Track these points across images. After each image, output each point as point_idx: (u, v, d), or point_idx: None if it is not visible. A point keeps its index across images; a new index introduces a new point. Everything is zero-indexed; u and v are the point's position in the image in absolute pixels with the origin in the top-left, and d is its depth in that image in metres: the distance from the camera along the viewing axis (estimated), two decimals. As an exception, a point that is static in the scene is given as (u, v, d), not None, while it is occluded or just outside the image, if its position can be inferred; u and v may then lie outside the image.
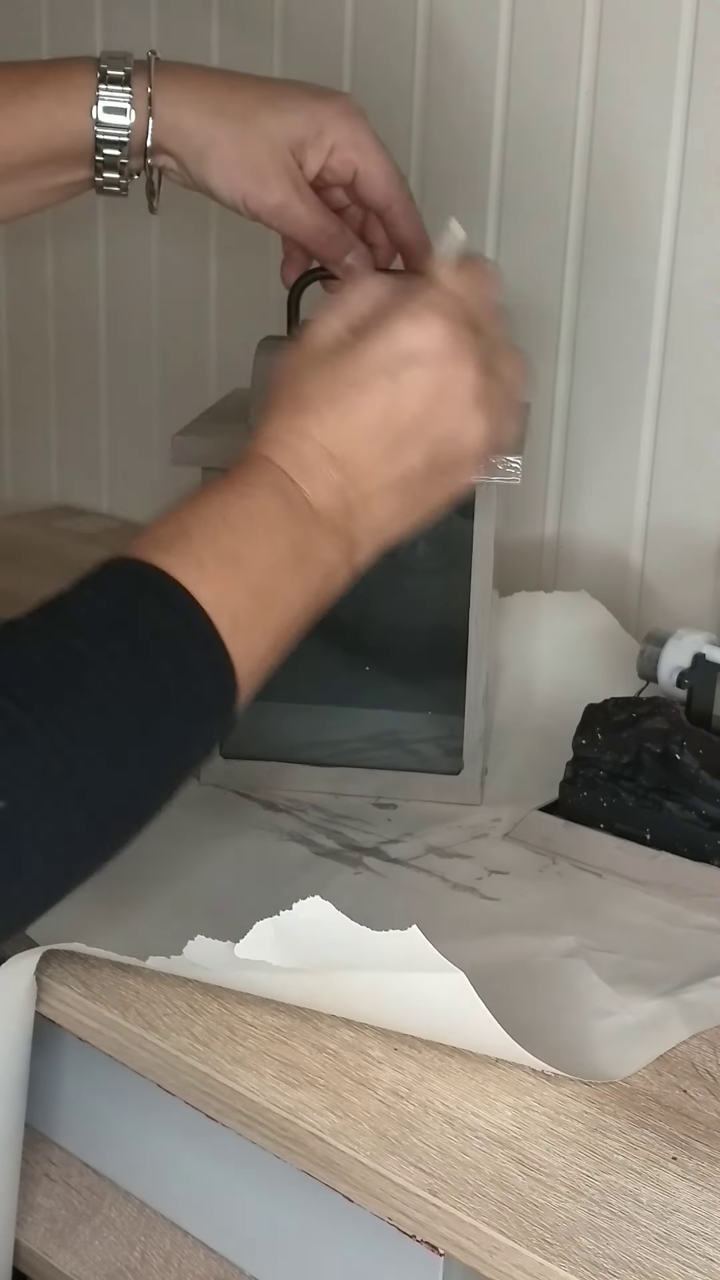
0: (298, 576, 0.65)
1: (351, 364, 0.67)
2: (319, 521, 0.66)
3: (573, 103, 1.07)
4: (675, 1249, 0.58)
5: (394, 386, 0.67)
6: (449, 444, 0.68)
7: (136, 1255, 0.80)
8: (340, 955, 0.64)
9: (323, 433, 0.66)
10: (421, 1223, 0.61)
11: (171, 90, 0.84)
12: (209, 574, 0.62)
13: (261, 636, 0.64)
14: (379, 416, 0.67)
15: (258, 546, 0.64)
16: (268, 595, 0.64)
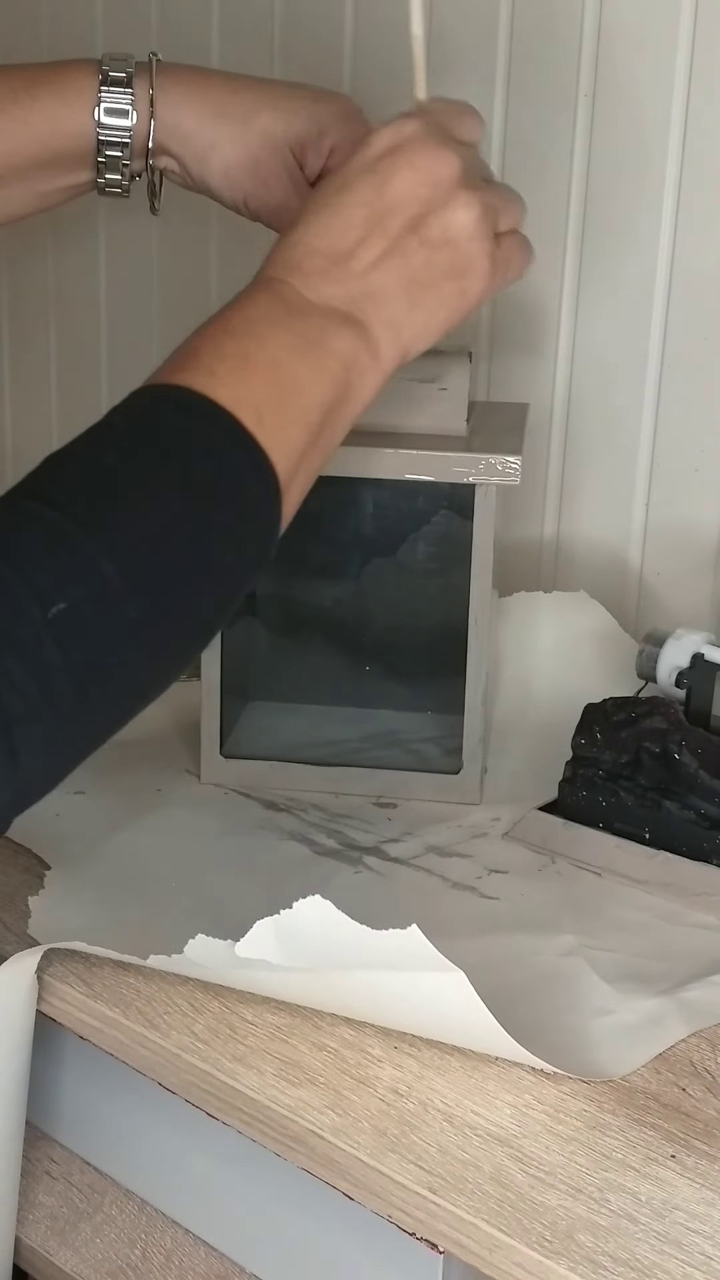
0: (312, 364, 0.66)
1: (337, 177, 0.69)
2: (321, 312, 0.67)
3: (572, 103, 1.08)
4: (674, 1246, 0.58)
5: (375, 178, 0.68)
6: (439, 227, 0.69)
7: (137, 1253, 0.80)
8: (340, 954, 0.64)
9: (311, 234, 0.68)
10: (421, 1220, 0.61)
11: (173, 92, 0.84)
12: (220, 377, 0.63)
13: (289, 425, 0.64)
14: (364, 207, 0.68)
15: (262, 342, 0.65)
16: (284, 385, 0.65)
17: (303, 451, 0.65)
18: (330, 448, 0.68)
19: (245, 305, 0.67)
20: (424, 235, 0.68)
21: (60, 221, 1.41)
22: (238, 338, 0.65)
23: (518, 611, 1.08)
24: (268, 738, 0.99)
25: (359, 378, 0.68)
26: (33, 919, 0.77)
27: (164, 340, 1.39)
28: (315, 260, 0.67)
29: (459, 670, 0.92)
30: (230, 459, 0.62)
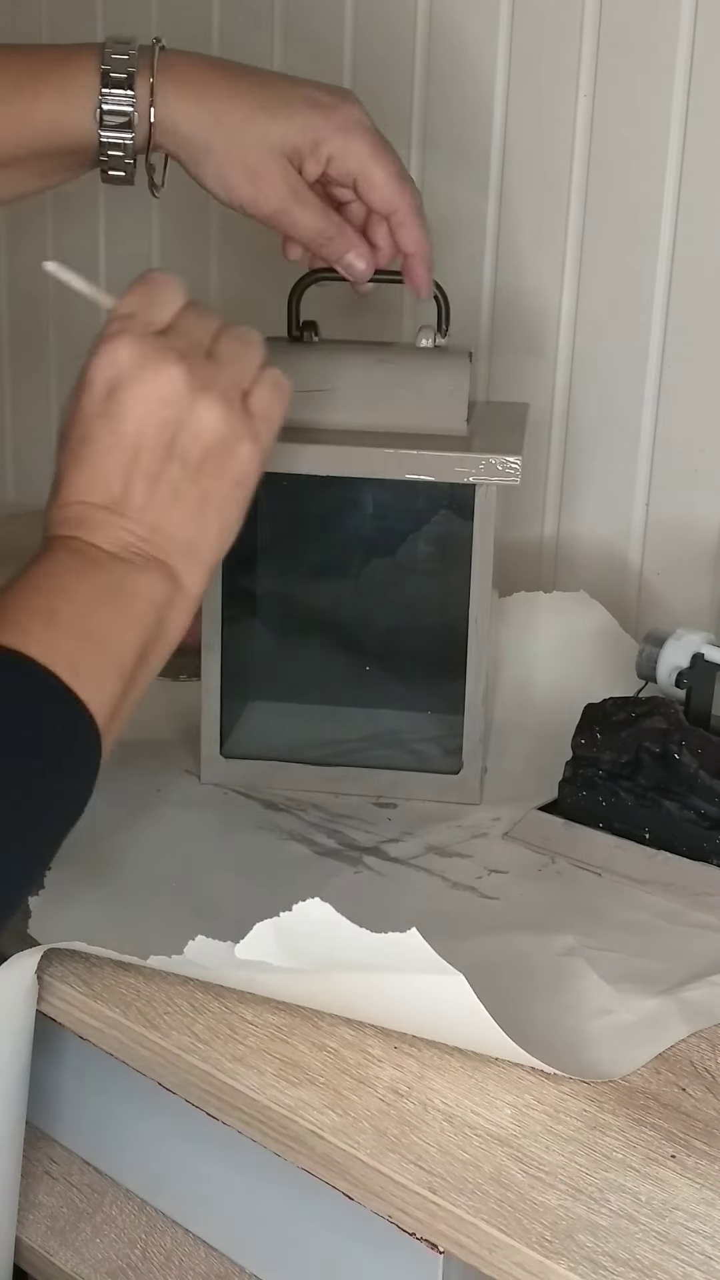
0: (121, 613, 0.67)
1: (74, 425, 0.69)
2: (120, 560, 0.67)
3: (572, 103, 1.08)
4: (674, 1246, 0.58)
5: (109, 423, 0.68)
6: (190, 439, 0.68)
7: (137, 1253, 0.80)
8: (340, 956, 0.64)
9: (79, 494, 0.68)
10: (421, 1220, 0.61)
11: (170, 95, 0.84)
12: (31, 633, 0.63)
13: (105, 675, 0.65)
14: (114, 455, 0.68)
15: (70, 597, 0.66)
16: (96, 637, 0.65)
17: (120, 697, 0.65)
18: (147, 682, 0.68)
19: (44, 562, 0.67)
20: (182, 457, 0.68)
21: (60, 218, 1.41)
22: (44, 593, 0.65)
23: (518, 611, 1.08)
24: (268, 738, 0.99)
25: (169, 614, 0.69)
26: (33, 919, 0.77)
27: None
28: (93, 514, 0.67)
29: (459, 670, 0.92)
30: (47, 715, 0.62)
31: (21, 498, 1.54)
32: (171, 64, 0.85)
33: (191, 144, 0.85)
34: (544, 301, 1.13)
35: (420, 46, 1.14)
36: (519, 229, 1.13)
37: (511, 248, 1.14)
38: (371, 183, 0.86)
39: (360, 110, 0.86)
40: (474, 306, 1.16)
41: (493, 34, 1.10)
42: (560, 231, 1.10)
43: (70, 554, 0.67)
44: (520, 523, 1.16)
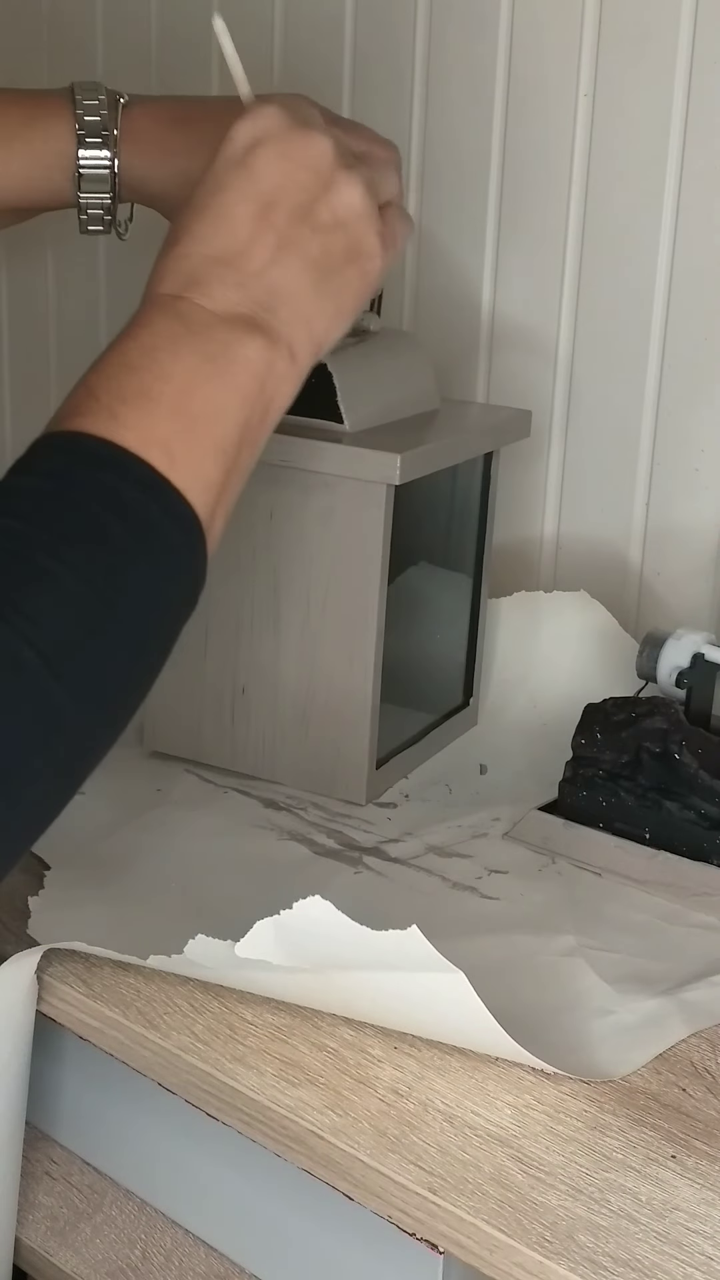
0: (222, 384, 0.63)
1: (209, 178, 0.66)
2: (225, 323, 0.64)
3: (572, 103, 1.08)
4: (674, 1247, 0.58)
5: (247, 173, 0.65)
6: (328, 211, 0.66)
7: (137, 1253, 0.80)
8: (340, 954, 0.64)
9: (199, 243, 0.65)
10: (421, 1221, 0.61)
11: (136, 158, 0.84)
12: (123, 419, 0.60)
13: (205, 458, 0.61)
14: (246, 205, 0.65)
15: (164, 372, 0.62)
16: (195, 414, 0.62)
17: (222, 482, 0.62)
18: (251, 464, 0.65)
19: (141, 333, 0.64)
20: (315, 222, 0.66)
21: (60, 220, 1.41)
22: (137, 372, 0.62)
23: (518, 611, 1.08)
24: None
25: (275, 385, 0.65)
26: (33, 919, 0.77)
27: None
28: (209, 269, 0.64)
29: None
30: (144, 509, 0.59)
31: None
32: (133, 125, 0.85)
33: (164, 199, 0.85)
34: (544, 302, 1.13)
35: (420, 46, 1.14)
36: (519, 229, 1.13)
37: (512, 249, 1.14)
38: None
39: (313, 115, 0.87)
40: (474, 307, 1.16)
41: (493, 34, 1.10)
42: (560, 232, 1.10)
43: (172, 319, 0.63)
44: (520, 523, 1.16)
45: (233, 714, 0.94)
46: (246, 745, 0.94)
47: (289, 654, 0.91)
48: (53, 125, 0.84)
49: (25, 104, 0.86)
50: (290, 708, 0.92)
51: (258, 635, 0.92)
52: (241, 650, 0.92)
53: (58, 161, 0.84)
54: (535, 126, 1.10)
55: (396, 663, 0.92)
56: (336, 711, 0.91)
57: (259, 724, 0.93)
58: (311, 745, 0.92)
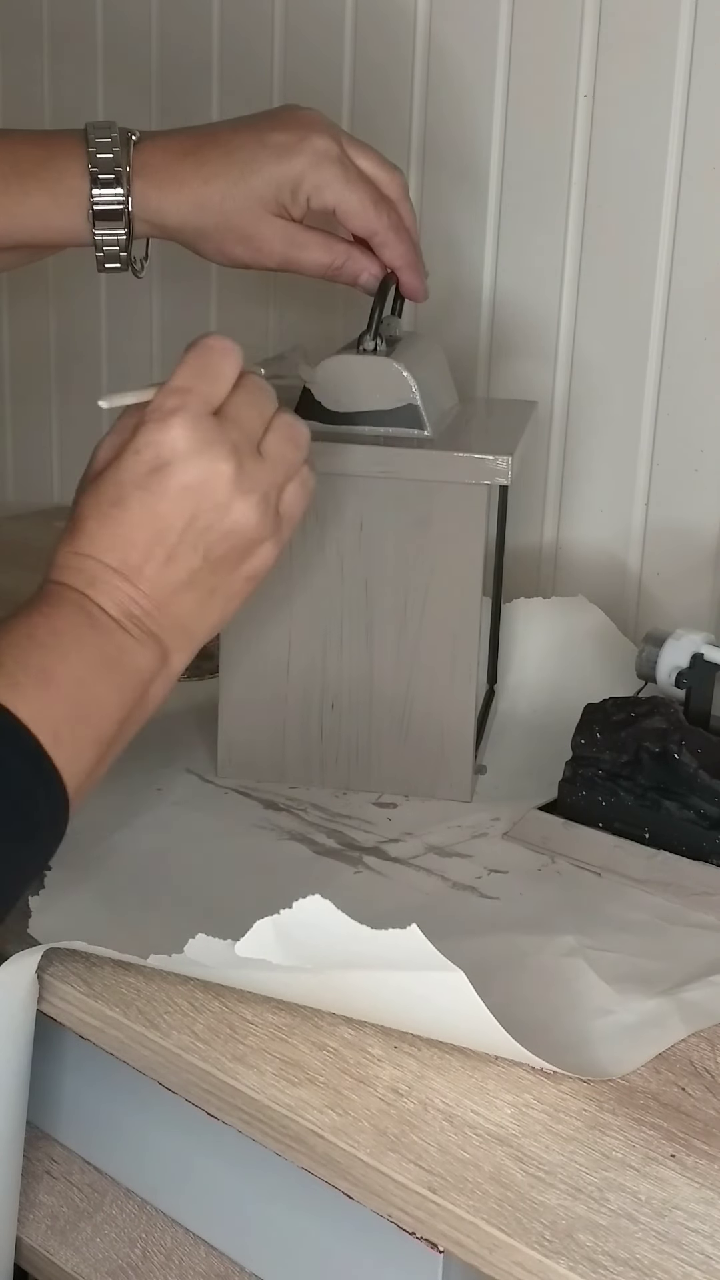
0: (112, 685, 0.67)
1: (110, 483, 0.69)
2: (122, 629, 0.68)
3: (572, 104, 1.08)
4: (674, 1246, 0.58)
5: (148, 497, 0.68)
6: (219, 536, 0.69)
7: (138, 1252, 0.80)
8: (340, 953, 0.64)
9: (99, 550, 0.68)
10: (421, 1220, 0.61)
11: (151, 194, 0.87)
12: (24, 691, 0.64)
13: (84, 746, 0.66)
14: (144, 528, 0.68)
15: (68, 660, 0.66)
16: (84, 706, 0.66)
17: (93, 766, 0.66)
18: (118, 752, 0.69)
19: (52, 614, 0.67)
20: (206, 551, 0.69)
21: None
22: (44, 650, 0.66)
23: (518, 617, 1.08)
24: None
25: (156, 688, 0.70)
26: (33, 919, 0.77)
27: (164, 338, 1.39)
28: (105, 575, 0.68)
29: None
30: (22, 779, 0.63)
31: (21, 497, 1.55)
32: (145, 161, 0.87)
33: (182, 231, 0.88)
34: (544, 303, 1.13)
35: (420, 47, 1.14)
36: (519, 230, 1.13)
37: (512, 249, 1.14)
38: (348, 211, 0.88)
39: (324, 135, 0.88)
40: (474, 308, 1.16)
41: (493, 34, 1.10)
42: (560, 232, 1.10)
43: (76, 611, 0.67)
44: (520, 528, 1.16)
45: (321, 730, 0.94)
46: (337, 759, 0.94)
47: (384, 663, 0.92)
48: (66, 165, 0.87)
49: (40, 144, 0.88)
50: (386, 716, 0.93)
51: (348, 648, 0.92)
52: (330, 665, 0.93)
53: (73, 200, 0.86)
54: (535, 126, 1.10)
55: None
56: (438, 716, 0.92)
57: (350, 736, 0.94)
58: (410, 751, 0.93)
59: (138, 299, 1.39)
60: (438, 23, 1.13)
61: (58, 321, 1.47)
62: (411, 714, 0.92)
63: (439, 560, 0.89)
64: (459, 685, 0.91)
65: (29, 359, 1.51)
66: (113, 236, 0.87)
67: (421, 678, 0.92)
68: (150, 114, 1.31)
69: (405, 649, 0.91)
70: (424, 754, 0.93)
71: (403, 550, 0.90)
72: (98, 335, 1.44)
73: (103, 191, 0.86)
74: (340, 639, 0.92)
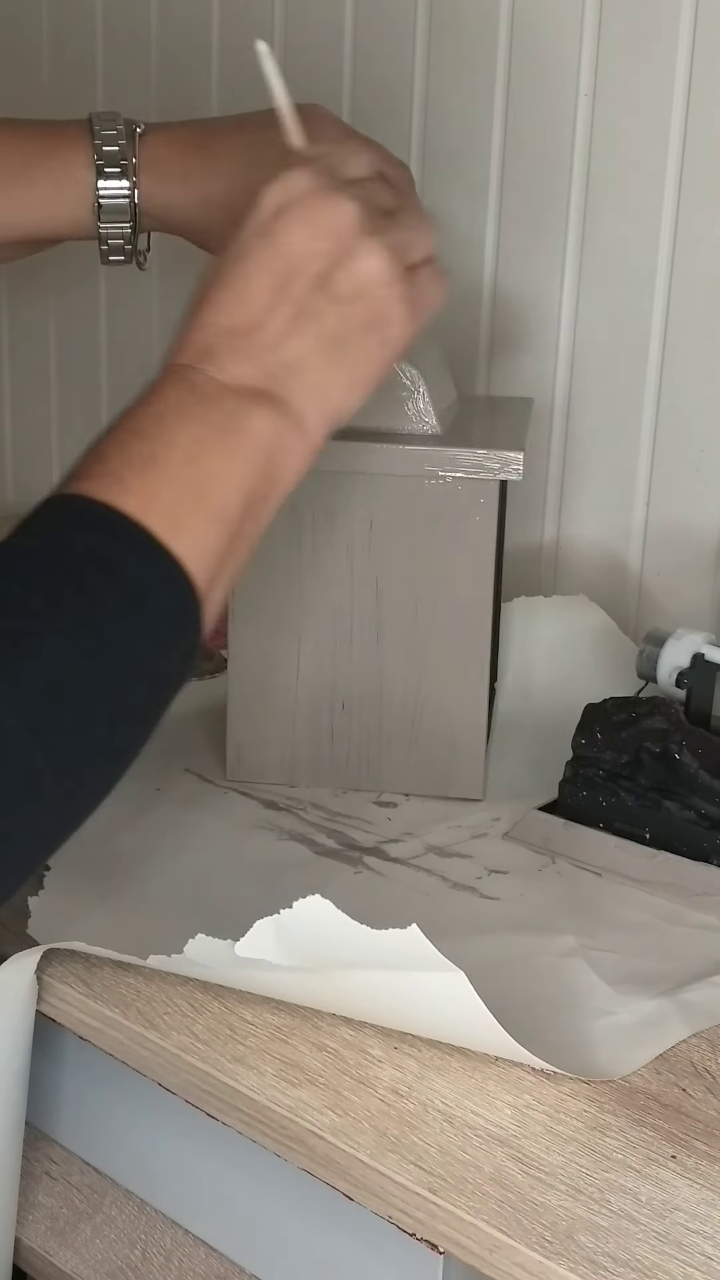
0: (227, 455, 0.62)
1: (234, 244, 0.66)
2: (235, 394, 0.63)
3: (572, 104, 1.08)
4: (674, 1247, 0.58)
5: (270, 242, 0.64)
6: (348, 281, 0.65)
7: (137, 1253, 0.80)
8: (340, 953, 0.64)
9: (217, 313, 0.64)
10: (421, 1221, 0.61)
11: (159, 189, 0.85)
12: (128, 483, 0.60)
13: (206, 527, 0.61)
14: (265, 277, 0.64)
15: (172, 439, 0.62)
16: (198, 483, 0.61)
17: (224, 551, 0.62)
18: (256, 536, 0.64)
19: (153, 401, 0.63)
20: (333, 293, 0.65)
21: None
22: (146, 438, 0.62)
23: (518, 616, 1.08)
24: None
25: (284, 457, 0.64)
26: (33, 919, 0.77)
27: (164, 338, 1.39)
28: (224, 340, 0.64)
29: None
30: (141, 577, 0.59)
31: (21, 497, 1.54)
32: (152, 155, 0.85)
33: (189, 227, 0.86)
34: (544, 301, 1.13)
35: (420, 47, 1.14)
36: (519, 228, 1.13)
37: (512, 247, 1.14)
38: None
39: (333, 131, 0.86)
40: (474, 306, 1.16)
41: (493, 34, 1.10)
42: (560, 231, 1.10)
43: (182, 389, 0.63)
44: (520, 526, 1.15)
45: (331, 731, 0.94)
46: (347, 760, 0.94)
47: (395, 661, 0.92)
48: (72, 156, 0.85)
49: (45, 135, 0.86)
50: (398, 715, 0.92)
51: (359, 648, 0.92)
52: (340, 666, 0.92)
53: (78, 192, 0.85)
54: (535, 126, 1.10)
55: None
56: (449, 712, 0.92)
57: (361, 736, 0.93)
58: (422, 749, 0.93)
59: (137, 296, 1.39)
60: (438, 21, 1.13)
61: (58, 320, 1.47)
62: (422, 712, 0.92)
63: (450, 557, 0.89)
64: (470, 681, 0.91)
65: (28, 358, 1.51)
66: (117, 230, 0.86)
67: (433, 675, 0.91)
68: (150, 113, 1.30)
69: (416, 647, 0.91)
70: (435, 752, 0.93)
71: (413, 548, 0.89)
72: (97, 334, 1.44)
73: (108, 185, 0.84)
74: (351, 639, 0.92)
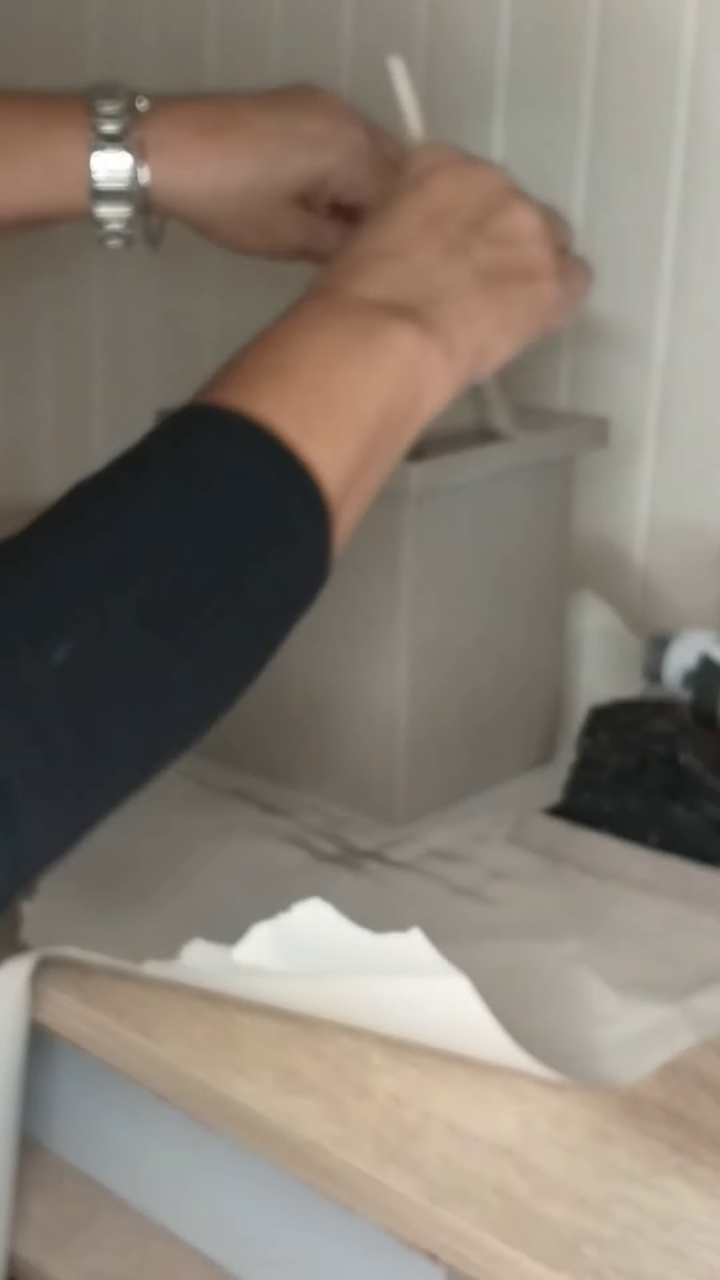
0: (365, 362, 0.60)
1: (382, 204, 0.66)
2: (378, 308, 0.61)
3: (572, 103, 1.07)
4: (680, 1259, 0.57)
5: (421, 190, 0.64)
6: (503, 224, 0.64)
7: (133, 1264, 0.79)
8: (340, 959, 0.63)
9: (365, 242, 0.63)
10: (422, 1231, 0.61)
11: (164, 170, 0.81)
12: (259, 390, 0.58)
13: (339, 434, 0.59)
14: (416, 214, 0.64)
15: (307, 348, 0.60)
16: (332, 388, 0.59)
17: (357, 463, 0.60)
18: (393, 457, 0.62)
19: (290, 315, 0.62)
20: (487, 233, 0.64)
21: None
22: (277, 349, 0.60)
23: None
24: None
25: (428, 374, 0.62)
26: (27, 924, 0.76)
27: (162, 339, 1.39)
28: (371, 261, 0.62)
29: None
30: (268, 480, 0.57)
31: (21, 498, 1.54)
32: (160, 135, 0.81)
33: (196, 215, 0.83)
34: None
35: (420, 47, 1.14)
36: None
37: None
38: (370, 207, 0.86)
39: (355, 127, 0.84)
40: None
41: (493, 34, 1.10)
42: (564, 229, 1.10)
43: (324, 304, 0.62)
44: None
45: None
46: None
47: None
48: (67, 134, 0.81)
49: (39, 110, 0.82)
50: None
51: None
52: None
53: (73, 173, 0.81)
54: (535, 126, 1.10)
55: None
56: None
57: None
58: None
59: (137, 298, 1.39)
60: (438, 21, 1.13)
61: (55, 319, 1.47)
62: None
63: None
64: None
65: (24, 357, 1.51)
66: (115, 214, 0.82)
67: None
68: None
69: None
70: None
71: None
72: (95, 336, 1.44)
73: (105, 168, 0.80)
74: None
